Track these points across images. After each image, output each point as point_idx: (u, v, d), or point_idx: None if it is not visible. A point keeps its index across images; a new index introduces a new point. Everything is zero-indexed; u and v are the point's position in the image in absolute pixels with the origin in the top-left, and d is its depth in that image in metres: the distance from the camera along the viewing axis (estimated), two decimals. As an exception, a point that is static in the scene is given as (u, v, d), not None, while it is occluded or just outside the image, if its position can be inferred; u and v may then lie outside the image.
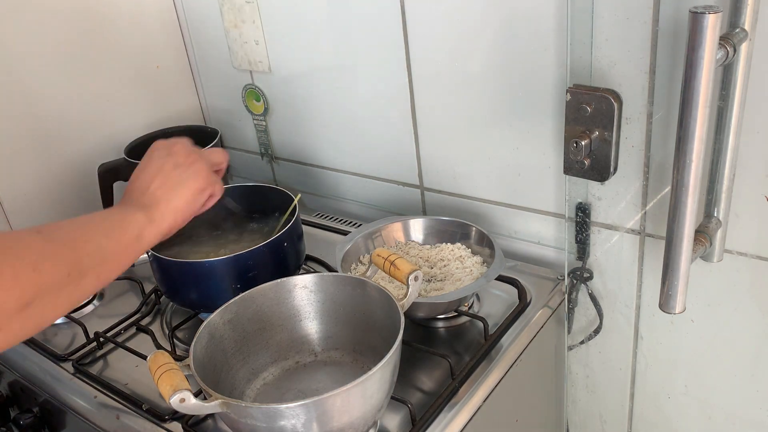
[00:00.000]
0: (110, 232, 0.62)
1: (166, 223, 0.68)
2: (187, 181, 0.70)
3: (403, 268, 0.74)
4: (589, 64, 0.82)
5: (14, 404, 1.02)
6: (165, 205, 0.68)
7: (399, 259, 0.75)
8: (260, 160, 1.35)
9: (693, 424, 0.98)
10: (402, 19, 0.98)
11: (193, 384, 0.64)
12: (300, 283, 0.80)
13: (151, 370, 0.65)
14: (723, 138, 0.74)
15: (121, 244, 0.63)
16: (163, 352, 0.67)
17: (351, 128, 1.15)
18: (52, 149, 1.15)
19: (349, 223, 1.20)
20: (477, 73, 0.94)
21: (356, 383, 0.62)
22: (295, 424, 0.63)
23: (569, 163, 0.85)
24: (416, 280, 0.73)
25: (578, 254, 0.96)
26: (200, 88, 1.37)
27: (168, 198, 0.68)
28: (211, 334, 0.74)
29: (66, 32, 1.13)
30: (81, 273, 0.57)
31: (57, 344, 0.97)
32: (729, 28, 0.69)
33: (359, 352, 0.81)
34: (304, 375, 0.80)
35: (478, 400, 0.79)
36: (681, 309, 0.76)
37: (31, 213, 1.14)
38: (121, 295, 1.07)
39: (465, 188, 1.06)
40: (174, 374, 0.64)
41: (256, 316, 0.79)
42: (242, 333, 0.78)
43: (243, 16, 1.18)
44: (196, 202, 0.71)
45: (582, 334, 1.02)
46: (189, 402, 0.62)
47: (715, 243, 0.80)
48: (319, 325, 0.82)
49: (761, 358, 0.87)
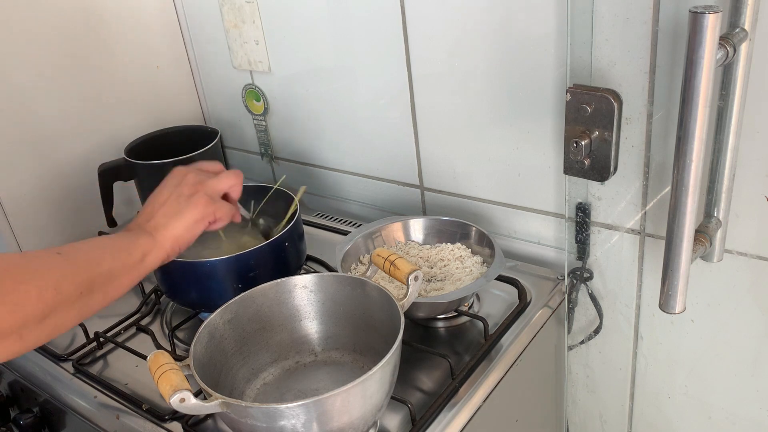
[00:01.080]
0: (118, 254, 0.69)
1: (166, 248, 0.74)
2: (185, 211, 0.76)
3: (403, 268, 0.74)
4: (589, 64, 0.82)
5: (14, 404, 1.02)
6: (167, 231, 0.74)
7: (399, 259, 0.75)
8: (260, 160, 1.35)
9: (693, 424, 0.98)
10: (402, 19, 0.98)
11: (193, 384, 0.64)
12: (300, 283, 0.80)
13: (151, 370, 0.65)
14: (723, 138, 0.74)
15: (127, 266, 0.70)
16: (163, 352, 0.67)
17: (351, 128, 1.15)
18: (52, 149, 1.15)
19: (349, 223, 1.20)
20: (477, 73, 0.94)
21: (356, 383, 0.62)
22: (295, 424, 0.63)
23: (569, 163, 0.85)
24: (416, 280, 0.73)
25: (578, 254, 0.96)
26: (200, 88, 1.37)
27: (169, 225, 0.75)
28: (211, 334, 0.74)
29: (66, 32, 1.13)
30: (91, 291, 0.65)
31: (57, 344, 0.97)
32: (729, 28, 0.69)
33: (359, 352, 0.81)
34: (304, 375, 0.80)
35: (478, 400, 0.79)
36: (681, 309, 0.76)
37: (31, 213, 1.14)
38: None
39: (465, 188, 1.06)
40: (174, 374, 0.64)
41: (256, 316, 0.79)
42: (242, 333, 0.78)
43: (243, 16, 1.18)
44: (194, 229, 0.77)
45: (582, 334, 1.02)
46: (189, 402, 0.62)
47: (715, 243, 0.80)
48: (319, 325, 0.82)
49: (761, 358, 0.87)
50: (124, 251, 0.70)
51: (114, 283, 0.68)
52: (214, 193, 0.80)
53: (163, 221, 0.75)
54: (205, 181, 0.79)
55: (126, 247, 0.71)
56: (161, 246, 0.73)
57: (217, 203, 0.79)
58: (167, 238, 0.74)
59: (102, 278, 0.66)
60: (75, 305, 0.63)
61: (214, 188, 0.80)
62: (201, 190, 0.78)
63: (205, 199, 0.77)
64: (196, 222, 0.76)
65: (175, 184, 0.78)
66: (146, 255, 0.72)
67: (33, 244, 1.14)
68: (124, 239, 0.73)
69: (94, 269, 0.65)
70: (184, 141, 1.20)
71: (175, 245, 0.75)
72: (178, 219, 0.75)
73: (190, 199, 0.77)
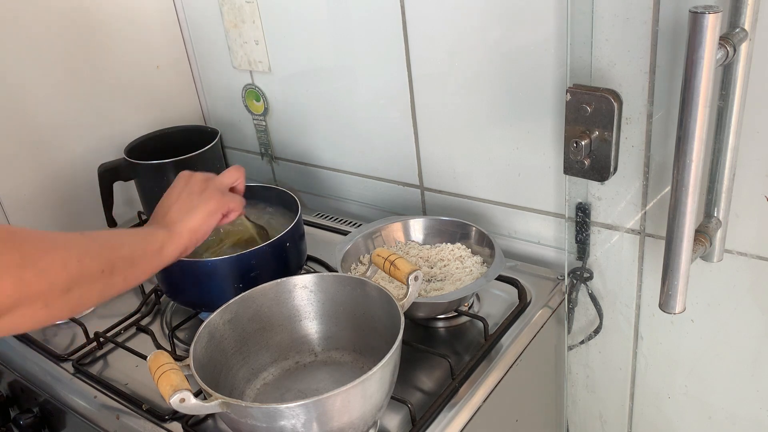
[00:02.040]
0: (138, 242, 0.72)
1: (183, 240, 0.76)
2: (200, 205, 0.78)
3: (403, 268, 0.74)
4: (589, 64, 0.82)
5: (14, 404, 1.02)
6: (182, 225, 0.76)
7: (399, 259, 0.75)
8: (260, 160, 1.35)
9: (693, 424, 0.98)
10: (402, 19, 0.98)
11: (193, 384, 0.64)
12: (300, 283, 0.80)
13: (151, 370, 0.65)
14: (723, 138, 0.74)
15: (147, 254, 0.72)
16: (163, 352, 0.67)
17: (351, 128, 1.15)
18: (52, 149, 1.15)
19: (349, 223, 1.20)
20: (477, 73, 0.94)
21: (356, 383, 0.62)
22: (295, 424, 0.63)
23: (569, 163, 0.85)
24: (416, 280, 0.73)
25: (578, 254, 0.96)
26: (200, 88, 1.37)
27: (184, 219, 0.77)
28: (211, 334, 0.74)
29: (66, 32, 1.13)
30: (112, 272, 0.66)
31: (57, 344, 0.97)
32: (729, 28, 0.69)
33: (359, 352, 0.81)
34: (304, 375, 0.80)
35: (478, 400, 0.79)
36: (681, 309, 0.76)
37: (31, 213, 1.14)
38: (121, 294, 1.06)
39: (465, 188, 1.06)
40: (174, 374, 0.64)
41: (256, 316, 0.79)
42: (242, 333, 0.78)
43: (243, 16, 1.18)
44: (209, 221, 0.79)
45: (582, 334, 1.02)
46: (189, 402, 0.62)
47: (715, 243, 0.80)
48: (319, 325, 0.82)
49: (761, 358, 0.87)
50: (143, 240, 0.72)
51: (134, 269, 0.70)
52: (223, 187, 0.83)
53: (178, 216, 0.77)
54: (212, 178, 0.83)
55: (145, 237, 0.73)
56: (179, 238, 0.75)
57: (227, 195, 0.82)
58: (184, 230, 0.76)
59: (122, 262, 0.67)
60: (98, 282, 0.64)
61: (221, 182, 0.83)
62: (210, 186, 0.81)
63: (218, 193, 0.81)
64: (211, 214, 0.79)
65: (183, 185, 0.81)
66: (164, 246, 0.73)
67: (33, 244, 1.14)
68: (142, 231, 0.76)
69: (115, 251, 0.67)
70: (184, 141, 1.20)
71: (192, 237, 0.77)
72: (194, 213, 0.77)
73: (202, 194, 0.79)
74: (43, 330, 1.00)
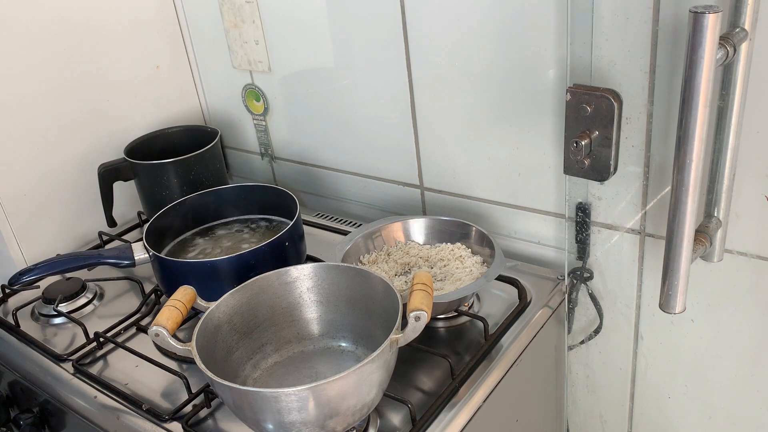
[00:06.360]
0: None
1: None
2: None
3: (412, 302, 0.69)
4: (589, 64, 0.82)
5: (14, 404, 1.02)
6: None
7: (420, 292, 0.70)
8: (260, 160, 1.35)
9: (693, 424, 0.98)
10: (402, 19, 0.98)
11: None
12: (301, 272, 0.81)
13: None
14: (723, 138, 0.74)
15: None
16: (189, 290, 0.72)
17: (351, 128, 1.15)
18: (52, 149, 1.15)
19: (349, 223, 1.20)
20: (477, 73, 0.94)
21: (355, 369, 0.63)
22: (292, 408, 0.64)
23: (569, 162, 0.85)
24: (417, 321, 0.68)
25: (578, 254, 0.96)
26: (200, 88, 1.37)
27: None
28: (213, 322, 0.75)
29: (66, 32, 1.13)
30: None
31: (57, 344, 0.97)
32: (729, 28, 0.69)
33: (359, 341, 0.82)
34: (304, 363, 0.81)
35: (478, 400, 0.79)
36: (681, 309, 0.76)
37: (31, 213, 1.14)
38: (121, 295, 1.07)
39: (465, 188, 1.06)
40: (169, 311, 0.69)
41: (257, 305, 0.80)
42: (244, 321, 0.79)
43: (243, 16, 1.18)
44: None
45: (582, 334, 1.02)
46: (163, 338, 0.67)
47: (715, 243, 0.80)
48: (319, 314, 0.83)
49: (761, 358, 0.87)
50: None
51: None
52: None
53: None
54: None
55: None
56: None
57: None
58: None
59: None
60: None
61: None
62: None
63: None
64: None
65: None
66: None
67: (33, 244, 1.14)
68: None
69: None
70: (184, 141, 1.20)
71: None
72: None
73: None
74: (43, 330, 1.00)
